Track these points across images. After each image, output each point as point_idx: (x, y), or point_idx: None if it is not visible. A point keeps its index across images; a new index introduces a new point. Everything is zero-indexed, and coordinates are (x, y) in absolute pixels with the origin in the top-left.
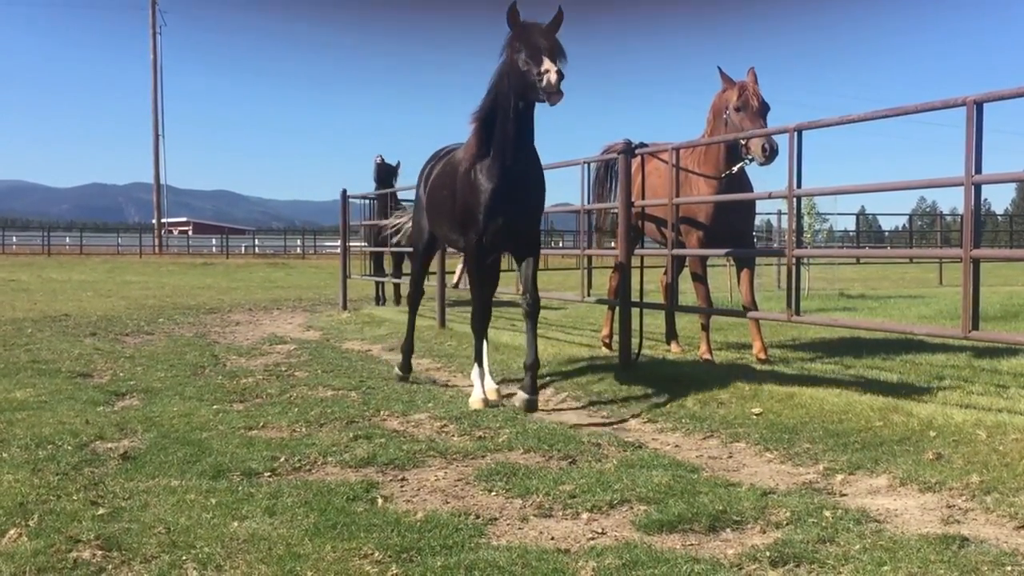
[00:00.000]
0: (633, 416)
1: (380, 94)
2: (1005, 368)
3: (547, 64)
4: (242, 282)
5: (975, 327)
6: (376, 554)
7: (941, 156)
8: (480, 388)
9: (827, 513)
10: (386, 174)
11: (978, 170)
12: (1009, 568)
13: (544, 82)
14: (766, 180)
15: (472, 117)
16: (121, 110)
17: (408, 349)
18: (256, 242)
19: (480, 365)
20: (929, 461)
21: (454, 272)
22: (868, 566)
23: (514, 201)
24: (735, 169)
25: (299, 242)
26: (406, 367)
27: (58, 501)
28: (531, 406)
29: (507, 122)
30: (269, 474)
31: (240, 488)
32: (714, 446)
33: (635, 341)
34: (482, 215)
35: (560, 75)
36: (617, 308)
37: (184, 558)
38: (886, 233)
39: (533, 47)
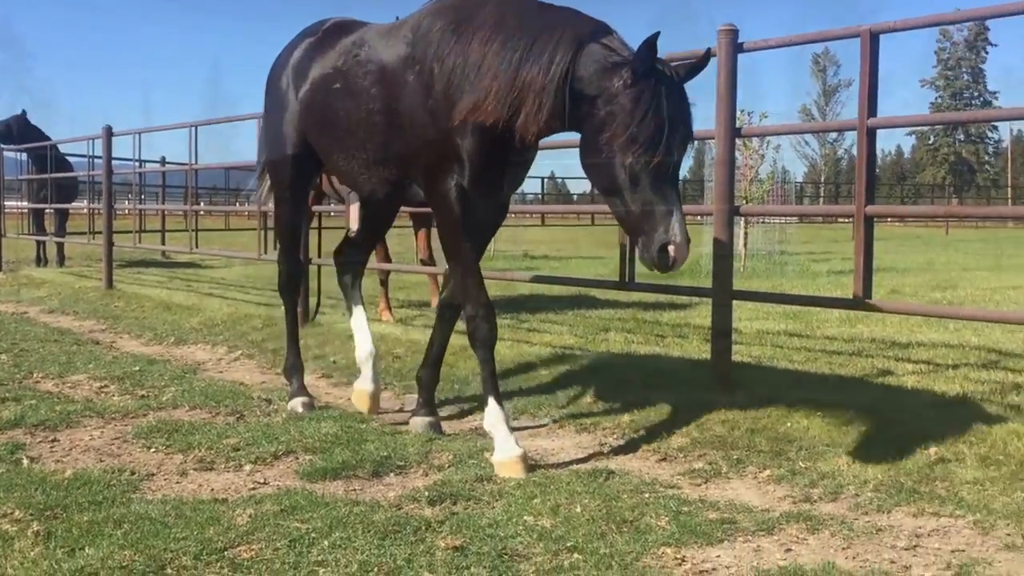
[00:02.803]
0: (310, 373)
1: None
2: (665, 320)
3: (676, 229)
4: None
5: (631, 279)
6: (16, 513)
7: None
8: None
9: (487, 455)
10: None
11: None
12: (647, 495)
13: (669, 260)
14: None
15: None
16: None
17: (293, 366)
18: None
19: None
20: (588, 404)
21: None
22: (520, 500)
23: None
24: None
25: None
26: (299, 390)
27: None
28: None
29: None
30: None
31: None
32: (387, 398)
33: (313, 300)
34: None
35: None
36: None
37: None
38: (575, 197)
39: (664, 157)
